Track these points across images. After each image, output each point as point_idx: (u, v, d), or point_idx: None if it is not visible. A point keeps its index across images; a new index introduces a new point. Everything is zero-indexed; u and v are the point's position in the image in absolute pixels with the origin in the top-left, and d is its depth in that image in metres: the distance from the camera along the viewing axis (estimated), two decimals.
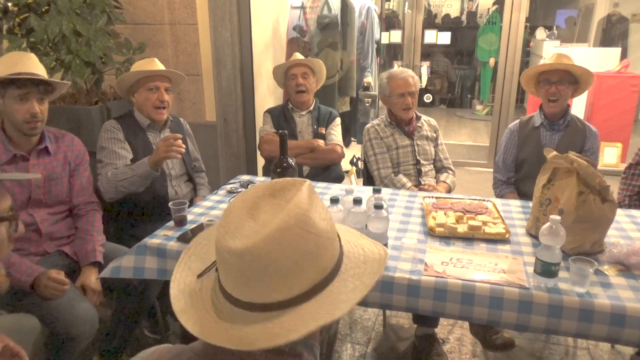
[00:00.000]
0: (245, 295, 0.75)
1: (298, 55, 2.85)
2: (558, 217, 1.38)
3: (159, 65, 2.26)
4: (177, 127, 2.43)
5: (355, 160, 4.27)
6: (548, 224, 1.38)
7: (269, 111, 2.85)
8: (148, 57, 2.31)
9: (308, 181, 0.82)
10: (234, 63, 3.09)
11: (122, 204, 2.28)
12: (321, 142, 2.74)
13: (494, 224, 1.79)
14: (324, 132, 2.79)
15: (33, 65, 1.83)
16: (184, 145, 2.05)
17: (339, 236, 0.83)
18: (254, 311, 0.74)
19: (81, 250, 1.95)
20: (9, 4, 2.51)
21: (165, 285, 2.19)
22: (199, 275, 0.85)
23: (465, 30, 9.08)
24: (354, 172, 4.15)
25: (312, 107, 2.83)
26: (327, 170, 2.76)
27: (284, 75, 2.81)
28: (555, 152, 1.71)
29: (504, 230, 1.74)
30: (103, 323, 1.88)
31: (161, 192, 2.27)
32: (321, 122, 2.81)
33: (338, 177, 2.80)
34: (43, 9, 2.47)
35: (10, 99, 1.78)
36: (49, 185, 1.93)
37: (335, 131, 2.81)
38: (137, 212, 2.27)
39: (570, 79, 2.30)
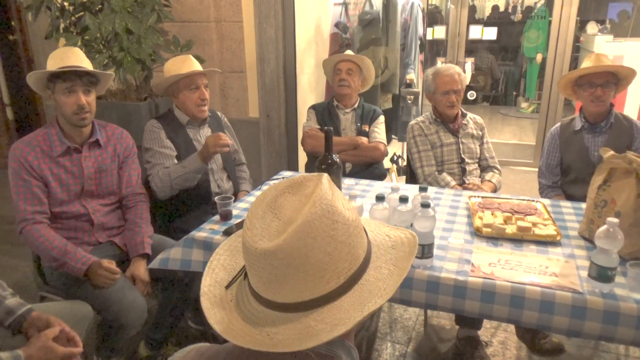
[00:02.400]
0: (281, 297, 0.72)
1: (349, 52, 2.85)
2: (616, 220, 1.32)
3: (194, 63, 2.28)
4: (215, 121, 2.47)
5: (396, 158, 4.22)
6: (605, 226, 1.32)
7: (314, 107, 2.87)
8: (192, 55, 2.34)
9: (326, 175, 0.79)
10: (278, 60, 3.11)
11: (168, 198, 2.35)
12: (364, 139, 2.73)
13: (544, 225, 1.73)
14: (367, 129, 2.78)
15: (78, 59, 1.89)
16: (230, 140, 2.11)
17: (363, 226, 0.81)
18: (292, 312, 0.72)
19: (130, 241, 2.01)
20: (66, 4, 2.61)
21: None
22: (227, 287, 0.83)
23: (511, 25, 8.80)
24: (395, 170, 4.10)
25: (356, 105, 2.82)
26: (369, 167, 2.75)
27: (332, 69, 2.82)
28: (612, 152, 1.63)
29: (554, 232, 1.68)
30: (150, 313, 1.94)
31: (204, 185, 2.32)
32: (365, 119, 2.80)
33: (380, 175, 2.79)
34: (97, 8, 2.56)
35: (58, 92, 1.86)
36: (100, 177, 2.01)
37: (379, 129, 2.79)
38: (181, 205, 2.33)
39: (613, 79, 2.21)
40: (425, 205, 1.44)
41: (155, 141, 2.25)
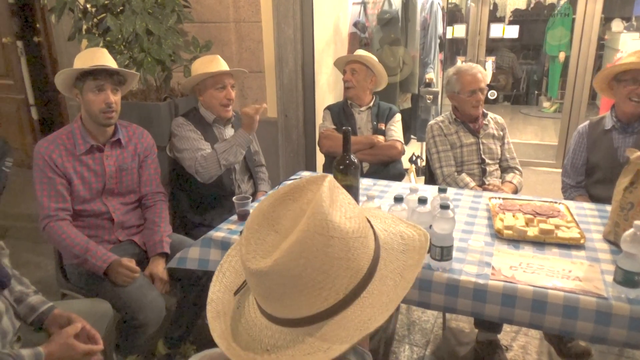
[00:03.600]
0: (279, 312, 0.71)
1: (359, 52, 2.83)
2: None
3: (222, 63, 2.31)
4: (238, 121, 2.49)
5: (414, 158, 4.19)
6: (632, 230, 1.28)
7: (329, 108, 2.86)
8: (212, 55, 2.37)
9: (329, 177, 0.75)
10: (296, 60, 3.11)
11: (187, 196, 2.37)
12: (381, 138, 2.71)
13: (568, 228, 1.69)
14: (383, 128, 2.76)
15: (106, 59, 1.94)
16: (266, 105, 2.23)
17: (373, 229, 0.76)
18: (290, 327, 0.70)
19: (149, 240, 2.04)
20: (88, 6, 2.65)
21: None
22: (235, 293, 0.80)
23: (533, 23, 8.65)
24: (414, 170, 4.07)
25: (371, 104, 2.80)
26: (387, 166, 2.73)
27: (342, 71, 2.82)
28: (639, 153, 1.58)
29: (578, 235, 1.64)
30: (168, 311, 1.96)
31: (227, 184, 2.34)
32: (381, 118, 2.78)
33: (399, 175, 2.76)
34: (118, 9, 2.59)
35: (87, 91, 1.89)
36: (120, 176, 2.04)
37: (395, 127, 2.77)
38: (200, 204, 2.34)
39: None
40: (445, 207, 1.41)
41: (189, 132, 2.29)
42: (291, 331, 0.70)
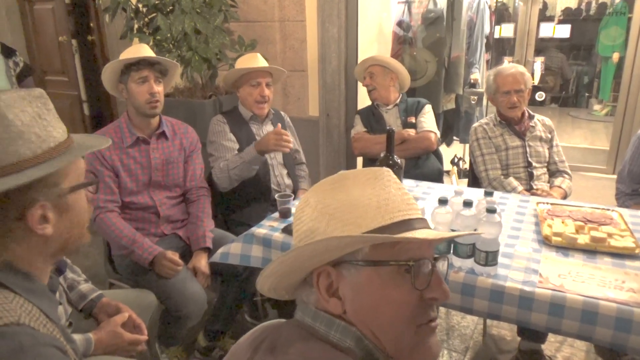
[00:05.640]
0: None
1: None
2: None
3: (261, 61, 2.33)
4: (278, 120, 2.50)
5: (456, 160, 4.11)
6: None
7: (359, 112, 2.86)
8: (258, 54, 2.40)
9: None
10: (339, 59, 3.11)
11: (229, 191, 2.41)
12: (412, 131, 2.66)
13: (621, 236, 1.61)
14: (414, 121, 2.71)
15: (147, 53, 2.02)
16: (291, 142, 2.13)
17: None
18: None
19: (193, 234, 2.08)
20: (140, 5, 2.75)
21: None
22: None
23: (585, 22, 8.31)
24: (455, 172, 3.99)
25: (398, 101, 2.77)
26: (424, 161, 2.67)
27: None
28: None
29: (633, 245, 1.56)
30: (209, 304, 1.99)
31: (264, 180, 2.36)
32: (410, 111, 2.74)
33: (437, 173, 2.69)
34: (168, 9, 2.67)
35: (132, 83, 1.97)
36: (167, 169, 2.09)
37: (426, 118, 2.71)
38: (241, 199, 2.38)
39: None
40: (491, 211, 1.38)
41: (220, 134, 2.32)
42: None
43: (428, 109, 2.76)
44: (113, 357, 1.40)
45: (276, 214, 1.94)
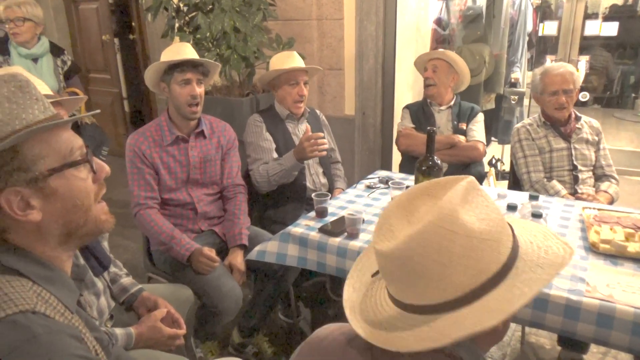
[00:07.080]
0: (401, 295, 0.75)
1: (440, 51, 2.75)
2: None
3: (297, 59, 2.33)
4: (313, 118, 2.50)
5: (494, 161, 4.00)
6: None
7: (408, 107, 2.80)
8: (294, 52, 2.39)
9: (470, 177, 0.77)
10: (377, 57, 3.08)
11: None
12: (462, 138, 2.61)
13: None
14: (464, 127, 2.65)
15: (190, 53, 2.04)
16: (326, 144, 2.13)
17: (515, 236, 0.75)
18: (410, 312, 0.73)
19: (229, 232, 2.10)
20: (181, 4, 2.79)
21: (303, 273, 2.28)
22: (373, 275, 0.86)
23: (633, 20, 7.95)
24: (493, 173, 3.89)
25: (452, 103, 2.70)
26: (467, 167, 2.62)
27: (422, 69, 2.75)
28: None
29: None
30: (244, 301, 2.01)
31: (300, 180, 2.36)
32: (462, 117, 2.68)
33: (479, 177, 2.64)
34: (208, 8, 2.70)
35: (174, 83, 1.99)
36: (205, 166, 2.12)
37: (477, 127, 2.65)
38: (277, 197, 2.39)
39: None
40: (537, 216, 1.33)
41: (257, 135, 2.33)
42: (409, 316, 0.74)
43: (480, 117, 2.69)
44: (152, 351, 1.42)
45: (312, 213, 1.94)
